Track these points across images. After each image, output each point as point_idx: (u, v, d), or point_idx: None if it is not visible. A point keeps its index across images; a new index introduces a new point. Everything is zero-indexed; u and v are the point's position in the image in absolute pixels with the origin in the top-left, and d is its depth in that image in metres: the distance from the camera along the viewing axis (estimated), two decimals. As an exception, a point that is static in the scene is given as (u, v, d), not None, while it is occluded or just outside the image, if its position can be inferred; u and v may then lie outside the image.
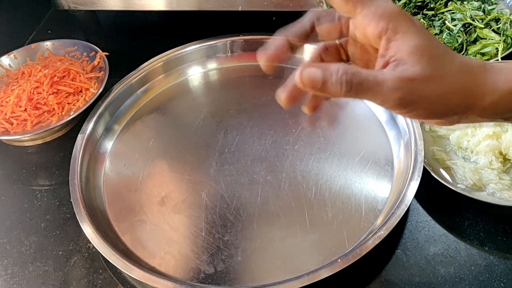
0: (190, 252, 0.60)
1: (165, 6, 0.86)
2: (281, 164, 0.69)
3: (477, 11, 0.83)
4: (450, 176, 0.64)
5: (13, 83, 0.79)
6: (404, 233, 0.61)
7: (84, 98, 0.77)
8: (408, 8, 0.88)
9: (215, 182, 0.67)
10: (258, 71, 0.84)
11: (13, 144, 0.77)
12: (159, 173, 0.70)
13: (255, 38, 0.85)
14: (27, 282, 0.60)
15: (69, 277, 0.60)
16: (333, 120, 0.49)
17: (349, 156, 0.69)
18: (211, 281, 0.57)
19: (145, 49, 0.90)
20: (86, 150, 0.71)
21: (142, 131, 0.77)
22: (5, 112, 0.74)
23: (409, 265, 0.57)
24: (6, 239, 0.65)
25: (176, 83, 0.84)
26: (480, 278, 0.56)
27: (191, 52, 0.85)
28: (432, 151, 0.67)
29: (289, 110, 0.76)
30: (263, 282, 0.55)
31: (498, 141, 0.64)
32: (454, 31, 0.82)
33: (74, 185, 0.65)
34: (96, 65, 0.82)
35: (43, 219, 0.67)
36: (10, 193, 0.71)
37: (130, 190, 0.68)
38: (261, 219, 0.63)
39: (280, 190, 0.65)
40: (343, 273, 0.53)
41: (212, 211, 0.64)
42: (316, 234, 0.60)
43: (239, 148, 0.72)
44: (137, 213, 0.65)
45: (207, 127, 0.75)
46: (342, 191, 0.65)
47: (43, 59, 0.84)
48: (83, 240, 0.63)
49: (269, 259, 0.59)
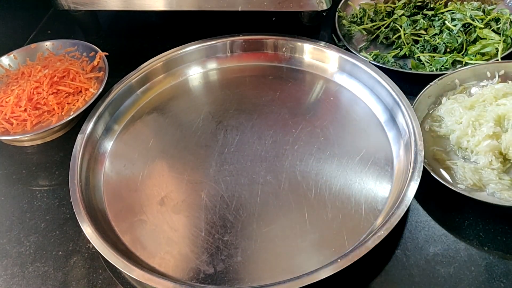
0: (190, 252, 0.60)
1: (165, 6, 0.86)
2: (281, 164, 0.69)
3: (477, 11, 0.83)
4: (450, 176, 0.64)
5: (13, 83, 0.79)
6: (404, 233, 0.61)
7: (84, 98, 0.77)
8: (408, 8, 0.88)
9: (215, 182, 0.67)
10: (258, 71, 0.85)
11: (13, 144, 0.77)
12: (159, 173, 0.70)
13: (255, 38, 0.85)
14: (27, 282, 0.60)
15: (69, 277, 0.60)
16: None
17: (349, 156, 0.69)
18: (210, 281, 0.57)
19: (145, 49, 0.90)
20: (86, 150, 0.71)
21: (142, 131, 0.77)
22: (5, 112, 0.74)
23: (409, 265, 0.57)
24: (6, 239, 0.65)
25: (176, 83, 0.84)
26: (480, 278, 0.55)
27: (191, 52, 0.85)
28: (432, 151, 0.67)
29: (289, 110, 0.77)
30: (263, 282, 0.55)
31: (498, 141, 0.64)
32: (454, 31, 0.82)
33: (74, 185, 0.65)
34: (96, 65, 0.82)
35: (43, 219, 0.67)
36: (10, 193, 0.71)
37: (130, 190, 0.68)
38: (261, 219, 0.63)
39: (280, 190, 0.65)
40: (343, 273, 0.53)
41: (212, 211, 0.64)
42: (316, 234, 0.60)
43: (239, 148, 0.72)
44: (137, 213, 0.65)
45: (207, 127, 0.75)
46: (342, 191, 0.65)
47: (43, 59, 0.84)
48: (83, 240, 0.63)
49: (269, 259, 0.59)
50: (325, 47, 0.82)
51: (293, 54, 0.85)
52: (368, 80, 0.77)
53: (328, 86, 0.81)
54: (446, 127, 0.69)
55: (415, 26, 0.86)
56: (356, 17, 0.91)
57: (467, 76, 0.74)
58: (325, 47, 0.82)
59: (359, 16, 0.91)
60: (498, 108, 0.67)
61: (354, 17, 0.91)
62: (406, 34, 0.85)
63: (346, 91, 0.79)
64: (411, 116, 0.67)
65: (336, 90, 0.80)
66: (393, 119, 0.71)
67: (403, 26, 0.86)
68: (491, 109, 0.68)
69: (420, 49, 0.83)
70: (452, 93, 0.74)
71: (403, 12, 0.88)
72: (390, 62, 0.81)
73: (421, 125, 0.68)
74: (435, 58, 0.80)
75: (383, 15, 0.89)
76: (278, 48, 0.85)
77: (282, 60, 0.85)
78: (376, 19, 0.89)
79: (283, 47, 0.85)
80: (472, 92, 0.73)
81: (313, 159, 0.69)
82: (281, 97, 0.79)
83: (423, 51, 0.83)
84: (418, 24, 0.86)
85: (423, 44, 0.83)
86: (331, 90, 0.80)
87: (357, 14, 0.91)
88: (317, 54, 0.83)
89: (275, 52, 0.85)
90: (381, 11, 0.90)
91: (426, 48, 0.83)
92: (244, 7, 0.84)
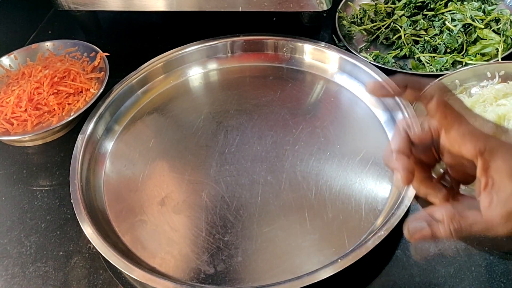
0: (191, 252, 0.60)
1: (165, 6, 0.86)
2: (282, 164, 0.69)
3: (477, 12, 0.83)
4: (450, 176, 0.64)
5: (13, 84, 0.79)
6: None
7: (85, 99, 0.77)
8: (408, 9, 0.88)
9: (215, 182, 0.67)
10: (258, 72, 0.85)
11: (14, 144, 0.77)
12: (159, 174, 0.70)
13: (255, 39, 0.85)
14: (27, 282, 0.60)
15: (70, 278, 0.60)
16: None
17: (349, 156, 0.69)
18: (211, 281, 0.57)
19: (146, 49, 0.90)
20: (86, 151, 0.71)
21: (143, 131, 0.77)
22: (5, 112, 0.74)
23: (409, 265, 0.57)
24: (7, 239, 0.65)
25: (177, 84, 0.84)
26: (480, 278, 0.55)
27: (191, 52, 0.85)
28: (432, 151, 0.67)
29: (289, 110, 0.77)
30: (263, 282, 0.55)
31: (498, 141, 0.64)
32: (454, 32, 0.82)
33: (74, 185, 0.65)
34: (96, 65, 0.82)
35: (43, 220, 0.67)
36: (11, 194, 0.71)
37: (130, 190, 0.68)
38: (262, 219, 0.63)
39: (280, 191, 0.65)
40: (343, 273, 0.53)
41: (213, 211, 0.64)
42: (316, 234, 0.60)
43: (239, 148, 0.72)
44: (137, 214, 0.65)
45: (207, 127, 0.75)
46: (342, 191, 0.65)
47: (44, 59, 0.84)
48: (83, 240, 0.63)
49: (270, 260, 0.59)
50: (325, 47, 0.82)
51: (294, 55, 0.85)
52: (368, 80, 0.77)
53: (329, 86, 0.81)
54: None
55: (415, 26, 0.86)
56: (356, 18, 0.91)
57: (467, 76, 0.74)
58: (325, 48, 0.82)
59: (359, 17, 0.91)
60: (498, 108, 0.67)
61: (354, 18, 0.92)
62: (406, 35, 0.85)
63: (346, 91, 0.79)
64: (411, 116, 0.68)
65: (336, 90, 0.80)
66: (393, 119, 0.71)
67: (403, 27, 0.86)
68: (491, 110, 0.68)
69: (420, 50, 0.83)
70: (452, 94, 0.74)
71: (403, 12, 0.88)
72: (390, 63, 0.81)
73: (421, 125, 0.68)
74: (435, 59, 0.81)
75: (383, 15, 0.90)
76: (279, 48, 0.85)
77: (282, 60, 0.85)
78: (376, 20, 0.89)
79: (283, 48, 0.85)
80: (472, 92, 0.74)
81: (314, 159, 0.69)
82: (281, 97, 0.79)
83: (423, 52, 0.83)
84: (418, 24, 0.86)
85: (423, 45, 0.83)
86: (332, 91, 0.80)
87: (357, 15, 0.92)
88: (317, 54, 0.83)
89: (276, 53, 0.86)
90: (381, 11, 0.90)
91: (426, 49, 0.83)
92: (245, 7, 0.84)
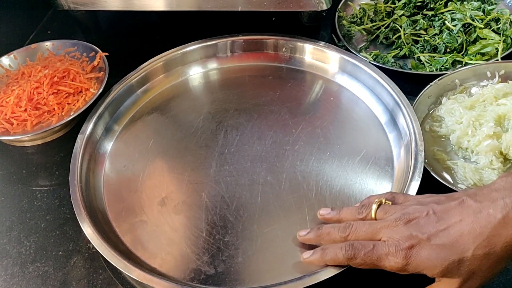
0: (191, 253, 0.60)
1: (165, 6, 0.86)
2: (281, 164, 0.69)
3: (477, 11, 0.83)
4: (450, 176, 0.64)
5: (13, 84, 0.79)
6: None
7: (84, 99, 0.77)
8: (408, 8, 0.88)
9: (215, 182, 0.67)
10: (258, 71, 0.85)
11: (13, 144, 0.77)
12: (159, 174, 0.70)
13: (255, 38, 0.85)
14: (27, 282, 0.60)
15: (69, 278, 0.60)
16: None
17: (350, 156, 0.69)
18: (211, 282, 0.57)
19: (145, 49, 0.90)
20: (86, 151, 0.71)
21: (142, 131, 0.77)
22: (5, 112, 0.74)
23: (410, 266, 0.57)
24: (6, 239, 0.65)
25: (176, 83, 0.84)
26: (481, 279, 0.55)
27: (191, 52, 0.85)
28: (432, 151, 0.67)
29: (289, 110, 0.77)
30: (264, 283, 0.55)
31: (498, 141, 0.64)
32: (454, 31, 0.82)
33: (74, 185, 0.65)
34: (96, 65, 0.82)
35: (43, 220, 0.67)
36: (10, 194, 0.71)
37: (130, 190, 0.68)
38: (262, 219, 0.63)
39: (280, 191, 0.65)
40: (344, 273, 0.53)
41: (213, 211, 0.64)
42: (316, 235, 0.60)
43: (239, 148, 0.72)
44: (137, 214, 0.65)
45: (207, 127, 0.75)
46: (342, 191, 0.65)
47: (43, 59, 0.84)
48: (83, 240, 0.63)
49: (270, 260, 0.59)
50: (325, 47, 0.82)
51: (293, 54, 0.85)
52: (368, 80, 0.77)
53: (328, 86, 0.81)
54: (446, 127, 0.69)
55: (415, 26, 0.86)
56: (356, 17, 0.91)
57: (467, 76, 0.74)
58: (325, 47, 0.82)
59: (359, 16, 0.91)
60: (499, 108, 0.67)
61: (354, 17, 0.91)
62: (406, 34, 0.85)
63: (346, 91, 0.79)
64: (411, 116, 0.68)
65: (336, 90, 0.80)
66: (393, 119, 0.71)
67: (403, 26, 0.86)
68: (492, 109, 0.68)
69: (420, 49, 0.83)
70: (452, 93, 0.74)
71: (403, 12, 0.88)
72: (390, 62, 0.81)
73: (421, 125, 0.68)
74: (435, 58, 0.81)
75: (383, 15, 0.90)
76: (278, 48, 0.85)
77: (282, 60, 0.85)
78: (376, 19, 0.89)
79: (283, 47, 0.85)
80: (472, 92, 0.74)
81: (314, 159, 0.69)
82: (281, 97, 0.79)
83: (423, 51, 0.83)
84: (418, 24, 0.86)
85: (423, 44, 0.83)
86: (331, 90, 0.80)
87: (357, 14, 0.92)
88: (317, 54, 0.83)
89: (275, 52, 0.85)
90: (381, 11, 0.90)
91: (426, 48, 0.83)
92: (244, 7, 0.84)
